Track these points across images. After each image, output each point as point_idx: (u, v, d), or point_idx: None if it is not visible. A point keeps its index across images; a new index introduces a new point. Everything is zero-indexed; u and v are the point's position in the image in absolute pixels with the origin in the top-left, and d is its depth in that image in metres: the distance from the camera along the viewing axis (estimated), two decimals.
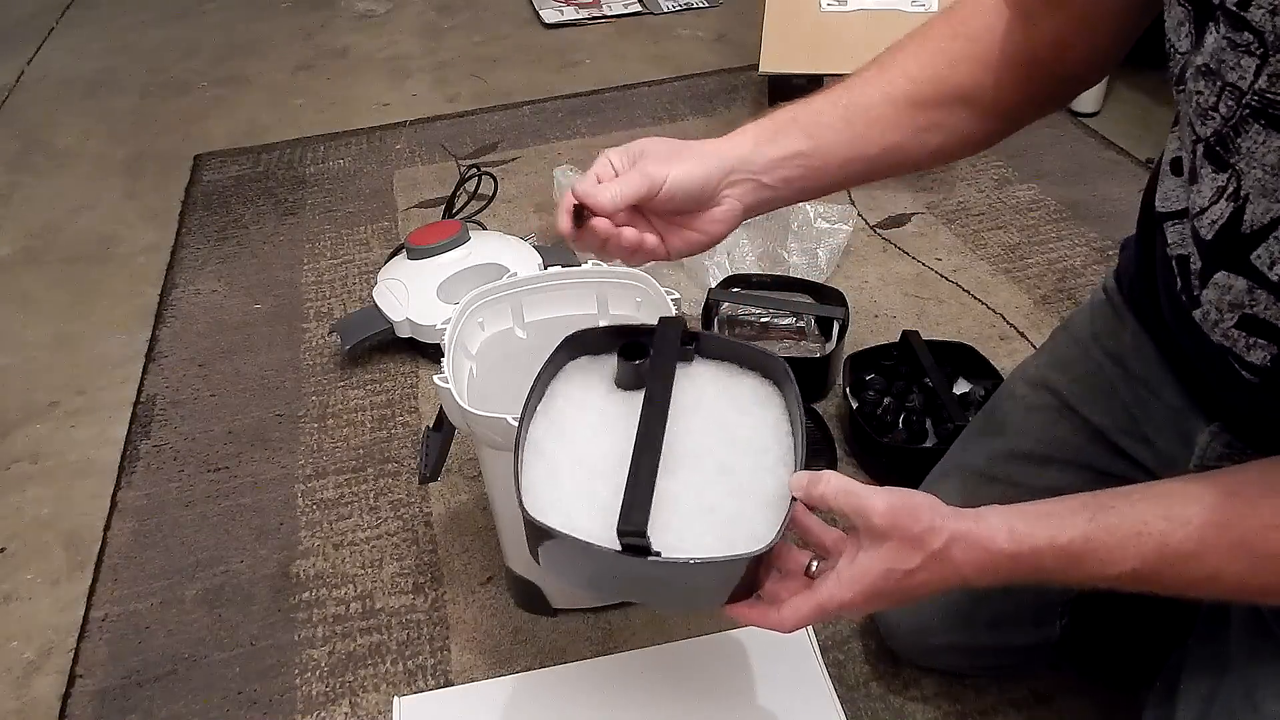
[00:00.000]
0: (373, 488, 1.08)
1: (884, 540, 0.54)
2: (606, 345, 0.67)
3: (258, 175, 1.69)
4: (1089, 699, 0.84)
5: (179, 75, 2.07)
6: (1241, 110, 0.48)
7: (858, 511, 0.54)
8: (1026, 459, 0.76)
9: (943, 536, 0.53)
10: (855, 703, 0.83)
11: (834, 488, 0.55)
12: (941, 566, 0.53)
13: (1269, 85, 0.46)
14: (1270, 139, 0.47)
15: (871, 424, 1.06)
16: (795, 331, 1.20)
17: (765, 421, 0.63)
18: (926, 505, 0.54)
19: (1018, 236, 1.42)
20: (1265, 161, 0.48)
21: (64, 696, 0.90)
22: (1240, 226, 0.51)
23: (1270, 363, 0.53)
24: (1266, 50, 0.45)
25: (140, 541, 1.04)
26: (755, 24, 1.57)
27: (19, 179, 1.74)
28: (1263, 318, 0.51)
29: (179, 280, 1.44)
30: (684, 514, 0.58)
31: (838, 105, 0.66)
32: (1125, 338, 0.71)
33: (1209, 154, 0.52)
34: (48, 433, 1.20)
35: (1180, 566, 0.51)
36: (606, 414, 0.64)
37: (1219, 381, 0.59)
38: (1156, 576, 0.51)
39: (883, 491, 0.55)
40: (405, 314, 1.21)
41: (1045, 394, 0.77)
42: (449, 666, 0.90)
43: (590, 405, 0.65)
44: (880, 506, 0.53)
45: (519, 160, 1.66)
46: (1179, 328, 0.61)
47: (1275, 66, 0.45)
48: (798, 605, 0.56)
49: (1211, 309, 0.55)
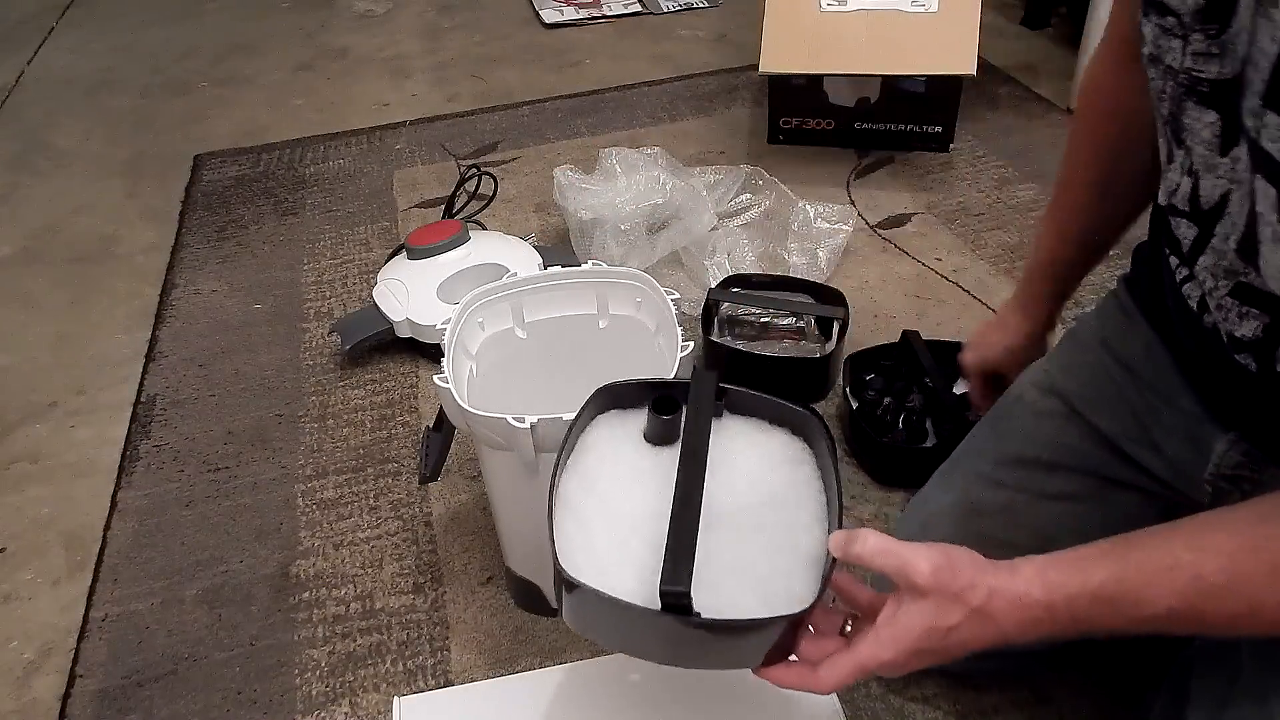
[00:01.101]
0: (373, 488, 1.08)
1: (924, 597, 0.53)
2: (637, 399, 0.66)
3: (258, 175, 1.69)
4: (1089, 699, 0.84)
5: (179, 75, 2.07)
6: (1178, 90, 0.52)
7: (899, 571, 0.53)
8: (1034, 465, 0.76)
9: (982, 592, 0.52)
10: (855, 703, 0.83)
11: (872, 547, 0.54)
12: (982, 622, 0.52)
13: (1193, 64, 0.49)
14: (1203, 115, 0.51)
15: (871, 424, 1.06)
16: (795, 331, 1.20)
17: (798, 478, 0.62)
18: (967, 560, 0.53)
19: (1018, 236, 1.42)
20: (1202, 137, 0.51)
21: (64, 697, 0.90)
22: (1199, 203, 0.54)
23: (1261, 334, 0.53)
24: (1186, 30, 0.49)
25: (140, 541, 1.04)
26: (755, 24, 1.57)
27: (19, 179, 1.74)
28: (1256, 285, 0.51)
29: (179, 280, 1.44)
30: (721, 572, 0.56)
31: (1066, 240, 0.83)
32: (1136, 344, 0.70)
33: (1171, 133, 0.55)
34: (48, 433, 1.20)
35: (1218, 600, 0.49)
36: (639, 469, 0.63)
37: (1233, 387, 0.58)
38: (1196, 613, 0.50)
39: (923, 549, 0.54)
40: (405, 314, 1.21)
41: (1054, 399, 0.76)
42: (449, 666, 0.90)
43: (622, 459, 0.64)
44: (924, 566, 0.52)
45: (519, 160, 1.67)
46: (1185, 328, 0.61)
47: (1195, 45, 0.49)
48: (836, 665, 0.54)
49: (1207, 276, 0.56)
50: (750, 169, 1.45)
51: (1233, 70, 0.47)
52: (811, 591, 0.55)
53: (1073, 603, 0.51)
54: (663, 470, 0.62)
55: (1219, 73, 0.48)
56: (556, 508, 0.60)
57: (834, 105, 1.58)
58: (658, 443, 0.64)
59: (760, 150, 1.64)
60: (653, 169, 1.35)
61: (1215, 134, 0.50)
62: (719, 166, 1.47)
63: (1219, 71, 0.48)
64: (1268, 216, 0.46)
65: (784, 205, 1.41)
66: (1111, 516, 0.72)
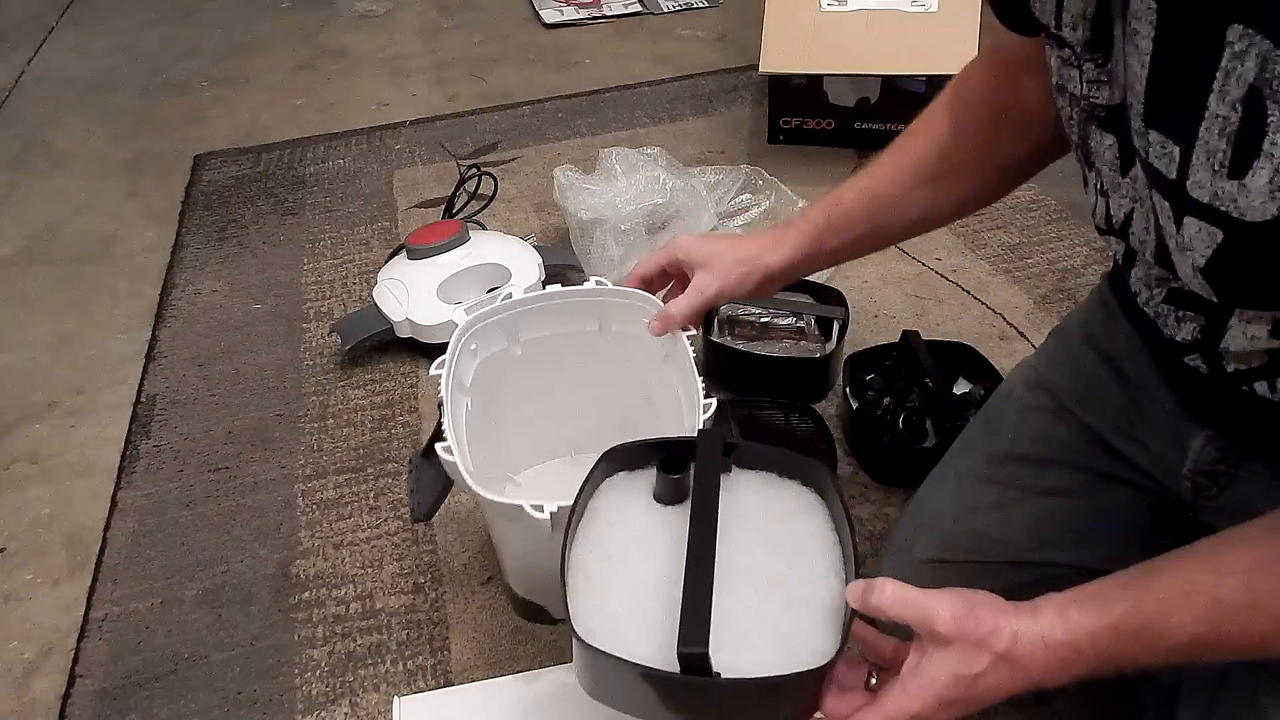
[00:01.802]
0: (373, 488, 1.08)
1: (948, 645, 0.52)
2: (644, 459, 0.65)
3: (258, 175, 1.69)
4: (1089, 699, 0.84)
5: (179, 75, 2.07)
6: (1081, 115, 0.54)
7: (920, 620, 0.53)
8: (1024, 461, 0.76)
9: (1006, 636, 0.51)
10: None
11: (890, 596, 0.53)
12: (1010, 668, 0.51)
13: (1090, 91, 0.52)
14: (1103, 138, 0.53)
15: (871, 424, 1.06)
16: (795, 331, 1.20)
17: (810, 530, 0.62)
18: (989, 605, 0.53)
19: (1018, 236, 1.42)
20: (1105, 159, 0.54)
21: (64, 697, 0.90)
22: (1112, 221, 0.56)
23: (1200, 335, 0.54)
24: (1080, 60, 0.51)
25: (140, 541, 1.04)
26: (755, 24, 1.57)
27: (19, 179, 1.74)
28: (1186, 289, 0.52)
29: (179, 280, 1.44)
30: (739, 631, 0.55)
31: (863, 198, 0.78)
32: (1120, 340, 0.71)
33: (1082, 156, 0.57)
34: (48, 433, 1.20)
35: (1242, 621, 0.48)
36: (650, 529, 0.62)
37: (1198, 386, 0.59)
38: (1223, 637, 0.48)
39: (943, 595, 0.53)
40: (405, 314, 1.21)
41: (1043, 395, 0.77)
42: (449, 666, 0.90)
43: (631, 521, 0.63)
44: (945, 615, 0.52)
45: (519, 160, 1.66)
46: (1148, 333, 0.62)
47: (1088, 74, 0.52)
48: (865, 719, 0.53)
49: (1140, 287, 0.59)
50: (750, 169, 1.45)
51: (1120, 96, 0.49)
52: (833, 645, 0.54)
53: (1097, 640, 0.50)
54: (674, 530, 0.61)
55: (1109, 99, 0.51)
56: (569, 575, 0.59)
57: (834, 105, 1.58)
58: (668, 502, 0.64)
59: (760, 150, 1.64)
60: (653, 169, 1.35)
61: (1115, 155, 0.53)
62: (719, 166, 1.47)
63: (1109, 98, 0.51)
64: (1169, 229, 0.48)
65: (784, 205, 1.41)
66: (1104, 511, 0.73)
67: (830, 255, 0.81)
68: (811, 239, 0.79)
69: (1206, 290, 0.48)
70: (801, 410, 1.09)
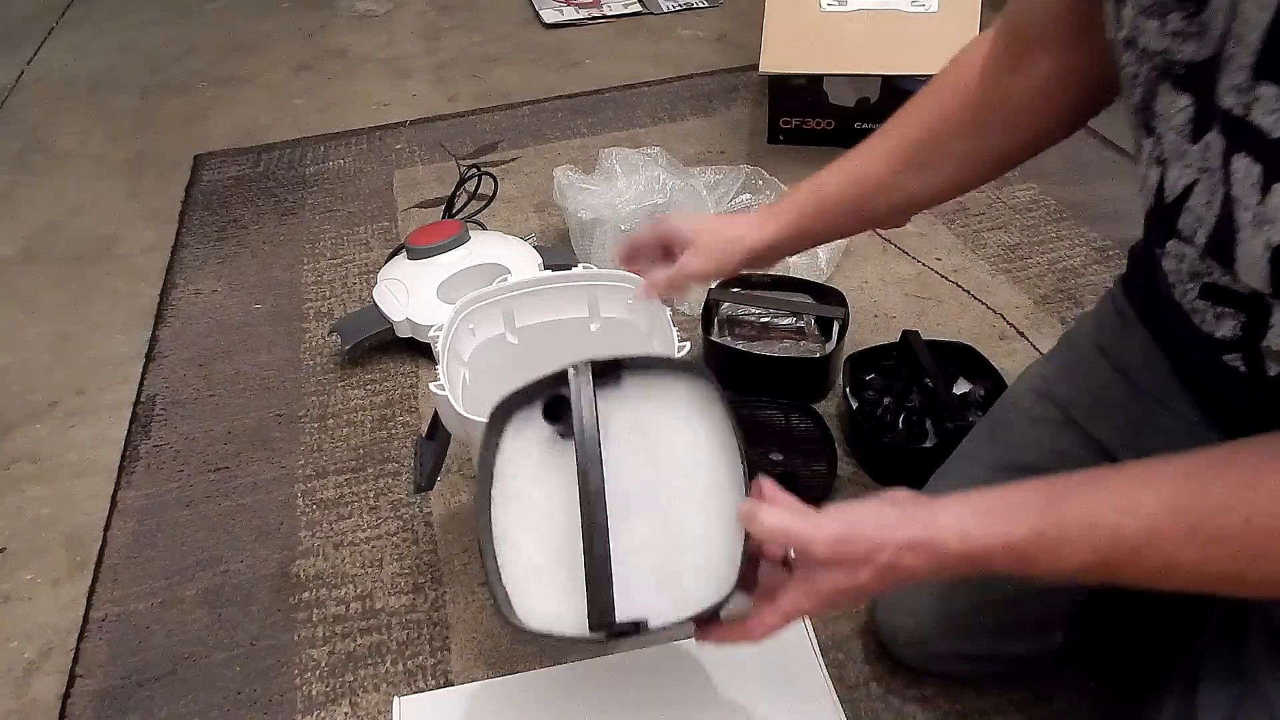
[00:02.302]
0: (373, 488, 1.08)
1: (831, 567, 0.55)
2: (531, 399, 0.67)
3: (258, 175, 1.69)
4: (1089, 699, 0.84)
5: (179, 75, 2.07)
6: (1152, 74, 0.51)
7: (799, 551, 0.56)
8: (1029, 472, 0.74)
9: (888, 551, 0.53)
10: (855, 703, 0.83)
11: (770, 528, 0.56)
12: (892, 574, 0.54)
13: (1170, 44, 0.49)
14: (1176, 99, 0.50)
15: (871, 424, 1.06)
16: (795, 331, 1.20)
17: (704, 430, 0.64)
18: (870, 522, 0.55)
19: (1018, 236, 1.42)
20: (1174, 123, 0.50)
21: (64, 696, 0.90)
22: (1163, 195, 0.53)
23: (1241, 332, 0.52)
24: (1165, 9, 0.48)
25: (140, 541, 1.04)
26: (755, 24, 1.57)
27: (19, 179, 1.74)
28: (1221, 284, 0.51)
29: (179, 280, 1.44)
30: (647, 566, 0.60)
31: (846, 180, 0.78)
32: (1132, 348, 0.70)
33: (1140, 122, 0.54)
34: (48, 433, 1.20)
35: (1133, 558, 0.49)
36: (558, 470, 0.65)
37: (1228, 389, 0.58)
38: (1108, 568, 0.50)
39: (822, 520, 0.55)
40: (405, 314, 1.21)
41: (1050, 406, 0.76)
42: (449, 666, 0.90)
43: (538, 469, 0.65)
44: (820, 547, 0.54)
45: (519, 160, 1.67)
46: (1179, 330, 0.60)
47: (1172, 24, 0.48)
48: (764, 618, 0.58)
49: (1176, 281, 0.56)
50: (750, 169, 1.45)
51: (1210, 51, 0.46)
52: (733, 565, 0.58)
53: (990, 554, 0.52)
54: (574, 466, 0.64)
55: (1194, 54, 0.47)
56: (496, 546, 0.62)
57: (834, 105, 1.58)
58: (566, 435, 0.65)
59: (760, 150, 1.64)
60: (653, 169, 1.35)
61: (1189, 119, 0.49)
62: (719, 166, 1.47)
63: (1194, 52, 0.47)
64: (1246, 200, 0.45)
65: None
66: None
67: (814, 236, 0.82)
68: (794, 221, 0.80)
69: (1264, 277, 0.46)
70: (801, 410, 1.09)
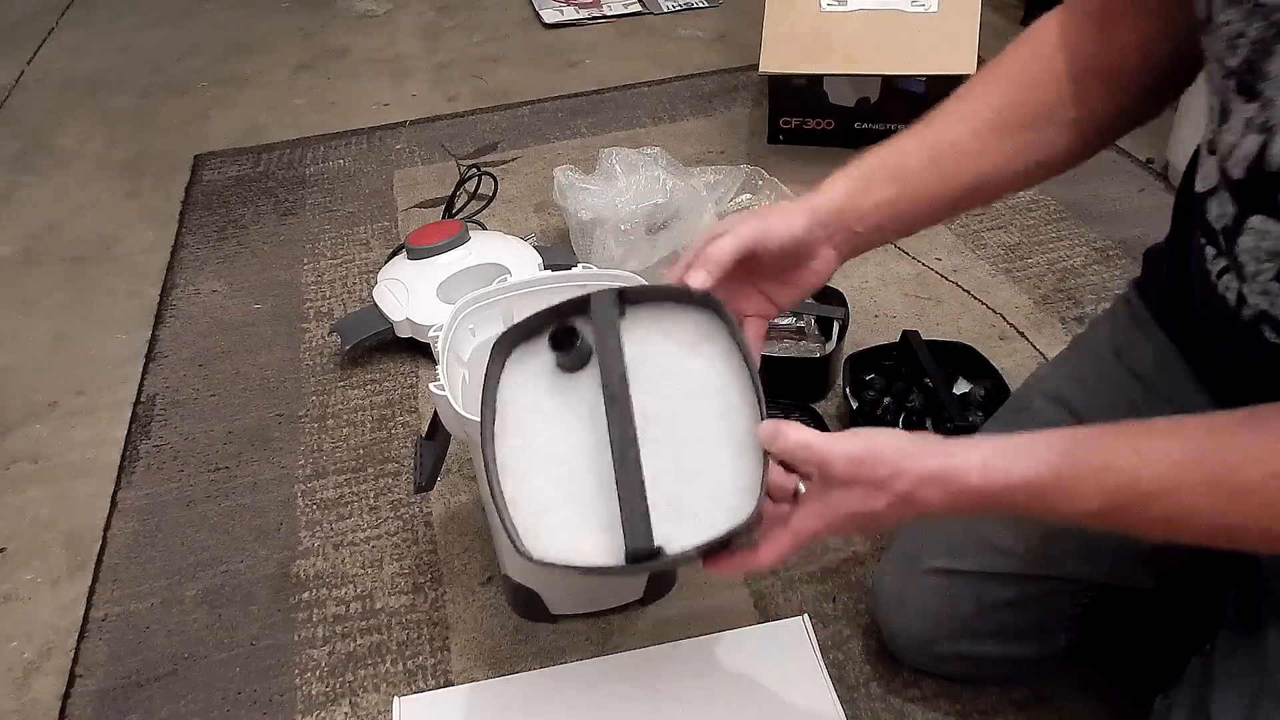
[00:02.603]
0: (373, 488, 1.08)
1: (849, 486, 0.54)
2: (534, 332, 0.66)
3: (258, 175, 1.69)
4: (1089, 699, 0.84)
5: (179, 75, 2.07)
6: (1269, 30, 0.47)
7: (820, 467, 0.55)
8: None
9: (908, 479, 0.53)
10: (855, 703, 0.83)
11: (793, 442, 0.55)
12: (907, 506, 0.54)
13: None
14: None
15: (871, 424, 1.05)
16: (795, 331, 1.20)
17: (716, 356, 0.63)
18: (892, 448, 0.54)
19: (1018, 236, 1.42)
20: None
21: (64, 696, 0.90)
22: (1266, 163, 0.49)
23: None
24: None
25: (140, 541, 1.04)
26: (755, 24, 1.57)
27: (19, 179, 1.74)
28: None
29: (179, 280, 1.44)
30: (669, 492, 0.58)
31: (924, 145, 0.67)
32: (1149, 354, 0.69)
33: (1239, 86, 0.50)
34: (48, 433, 1.20)
35: (1153, 504, 0.49)
36: (563, 404, 0.63)
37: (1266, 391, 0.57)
38: (1123, 513, 0.50)
39: (845, 439, 0.55)
40: (405, 314, 1.21)
41: (1062, 411, 0.75)
42: (449, 666, 0.90)
43: (542, 403, 0.64)
44: (841, 462, 0.54)
45: (519, 160, 1.67)
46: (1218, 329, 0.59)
47: None
48: (775, 542, 0.57)
49: (1249, 260, 0.52)
50: (750, 169, 1.45)
51: None
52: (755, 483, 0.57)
53: (1010, 491, 0.52)
54: (585, 395, 0.62)
55: None
56: (501, 480, 0.61)
57: (834, 105, 1.58)
58: (571, 370, 0.64)
59: (760, 150, 1.64)
60: (653, 169, 1.35)
61: None
62: (719, 166, 1.46)
63: None
64: None
65: None
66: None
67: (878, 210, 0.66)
68: (860, 182, 0.66)
69: None
70: (801, 410, 1.09)
